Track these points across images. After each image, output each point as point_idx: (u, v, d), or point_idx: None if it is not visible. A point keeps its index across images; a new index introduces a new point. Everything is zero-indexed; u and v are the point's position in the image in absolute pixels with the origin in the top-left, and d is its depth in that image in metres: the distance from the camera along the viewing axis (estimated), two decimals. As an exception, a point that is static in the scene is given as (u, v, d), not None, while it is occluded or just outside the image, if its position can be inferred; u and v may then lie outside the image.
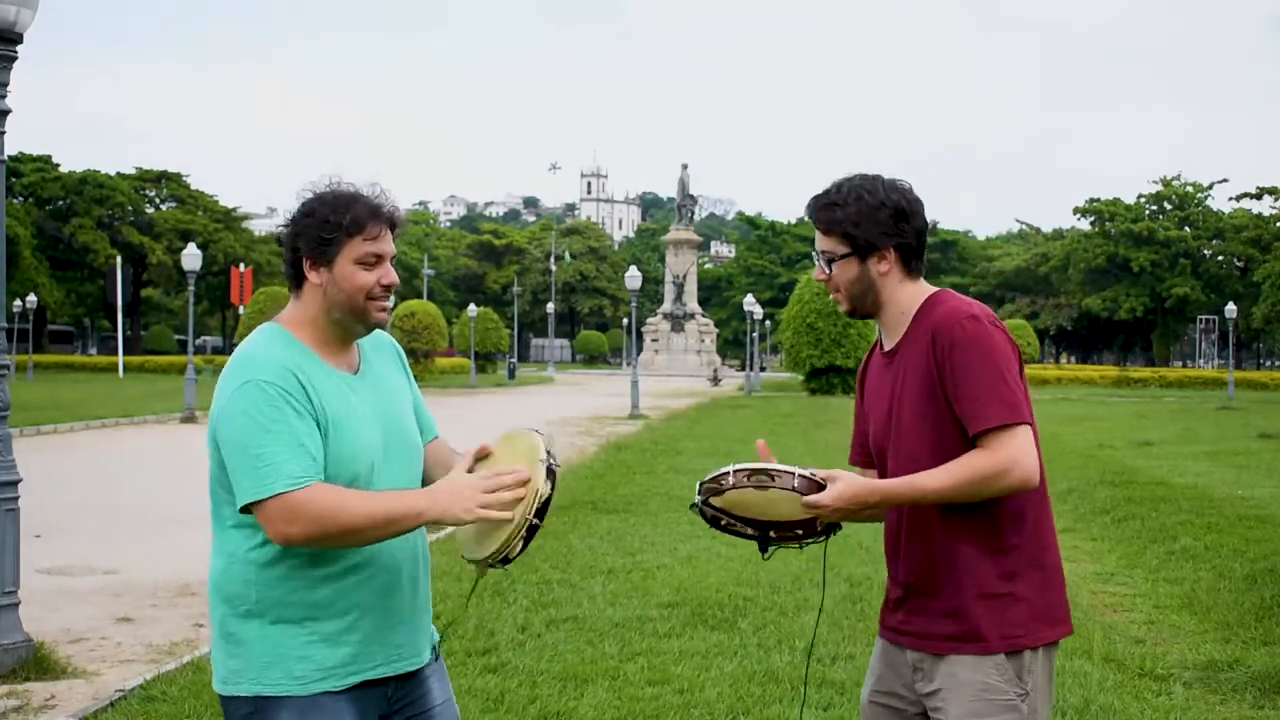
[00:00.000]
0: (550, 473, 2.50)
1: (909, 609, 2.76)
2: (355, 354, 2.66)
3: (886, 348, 2.82)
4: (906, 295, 2.76)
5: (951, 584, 2.68)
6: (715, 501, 2.67)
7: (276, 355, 2.51)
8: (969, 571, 2.67)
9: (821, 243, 2.78)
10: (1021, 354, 2.72)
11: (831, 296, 2.83)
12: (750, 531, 2.72)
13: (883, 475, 2.79)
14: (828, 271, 2.78)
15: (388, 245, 2.58)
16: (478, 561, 2.57)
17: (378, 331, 2.73)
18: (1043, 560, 2.72)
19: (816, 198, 2.78)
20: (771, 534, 2.71)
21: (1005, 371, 2.61)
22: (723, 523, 2.71)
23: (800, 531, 2.71)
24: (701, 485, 2.67)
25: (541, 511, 2.48)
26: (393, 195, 2.63)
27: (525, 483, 2.47)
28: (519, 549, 2.50)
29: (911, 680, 2.76)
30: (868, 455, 2.91)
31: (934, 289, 2.78)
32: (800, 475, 2.59)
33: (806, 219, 2.82)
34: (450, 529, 2.65)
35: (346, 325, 2.59)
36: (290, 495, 2.38)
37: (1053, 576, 2.74)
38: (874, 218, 2.70)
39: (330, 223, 2.52)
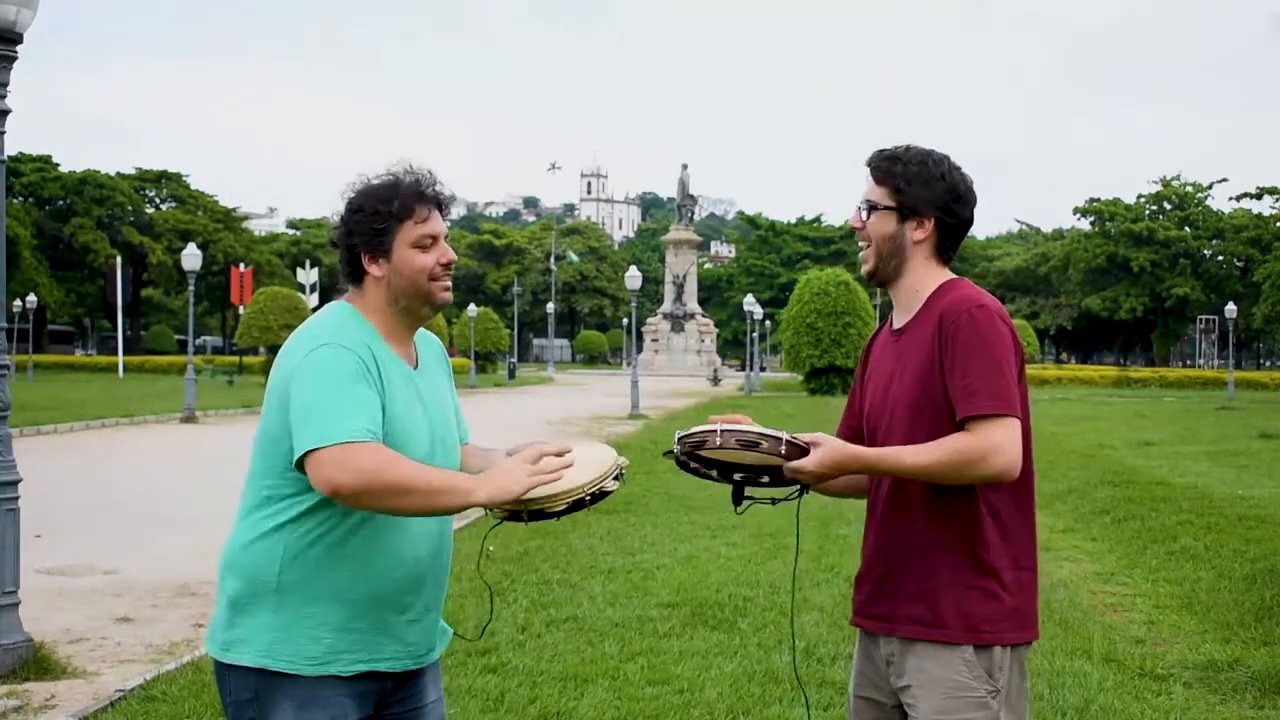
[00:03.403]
0: (619, 477, 2.60)
1: (876, 589, 2.77)
2: (413, 349, 2.70)
3: (896, 326, 2.83)
4: (927, 275, 2.78)
5: (923, 567, 2.68)
6: (694, 464, 2.69)
7: (353, 330, 2.55)
8: (943, 558, 2.67)
9: (869, 191, 2.80)
10: (1025, 355, 2.74)
11: (861, 254, 2.85)
12: (714, 475, 2.73)
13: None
14: (864, 219, 2.80)
15: (439, 225, 2.62)
16: (507, 504, 2.54)
17: (430, 335, 2.78)
18: (1020, 563, 2.71)
19: (881, 149, 2.82)
20: (737, 477, 2.71)
21: (1003, 364, 2.62)
22: (691, 466, 2.72)
23: (766, 479, 2.71)
24: (682, 439, 2.67)
25: (597, 497, 2.56)
26: (428, 170, 2.64)
27: (566, 452, 2.56)
28: (560, 509, 2.54)
29: (887, 674, 2.77)
30: (854, 431, 2.92)
31: (953, 276, 2.80)
32: (787, 441, 2.62)
33: (865, 164, 2.83)
34: (472, 517, 2.67)
35: (413, 311, 2.63)
36: (350, 445, 2.38)
37: (1028, 581, 2.73)
38: (928, 185, 2.74)
39: (380, 213, 2.56)
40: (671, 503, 12.15)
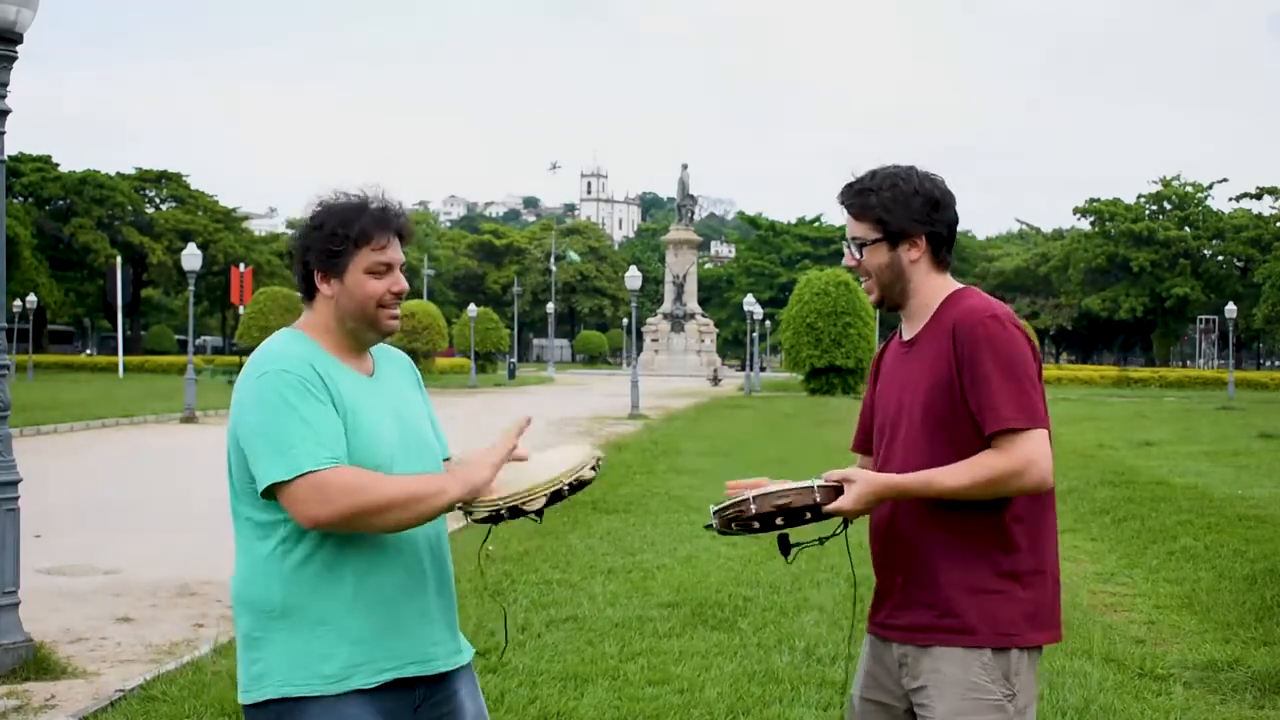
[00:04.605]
0: (595, 468, 2.60)
1: (897, 602, 2.77)
2: (370, 362, 2.70)
3: (906, 337, 2.84)
4: (932, 286, 2.78)
5: (943, 576, 2.68)
6: (736, 525, 2.69)
7: (295, 350, 2.56)
8: (963, 567, 2.67)
9: (853, 228, 2.80)
10: (1040, 358, 2.73)
11: (863, 285, 2.86)
12: (757, 526, 2.72)
13: (881, 462, 2.81)
14: (858, 257, 2.80)
15: (396, 254, 2.62)
16: (485, 504, 2.54)
17: (393, 349, 2.80)
18: (1042, 566, 2.71)
19: (849, 184, 2.80)
20: (779, 521, 2.70)
21: (1024, 374, 2.63)
22: (733, 526, 2.72)
23: (809, 516, 2.71)
24: (718, 513, 2.68)
25: (575, 487, 2.55)
26: (397, 199, 2.66)
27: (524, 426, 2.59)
28: (537, 504, 2.52)
29: (899, 676, 2.76)
30: (869, 443, 2.92)
31: (959, 285, 2.80)
32: (820, 487, 2.62)
33: (838, 202, 2.84)
34: (450, 529, 2.65)
35: (359, 334, 2.64)
36: (318, 474, 2.39)
37: (1050, 583, 2.73)
38: (907, 205, 2.73)
39: (338, 235, 2.57)
40: (671, 503, 12.15)
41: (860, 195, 2.77)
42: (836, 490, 2.63)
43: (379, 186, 2.65)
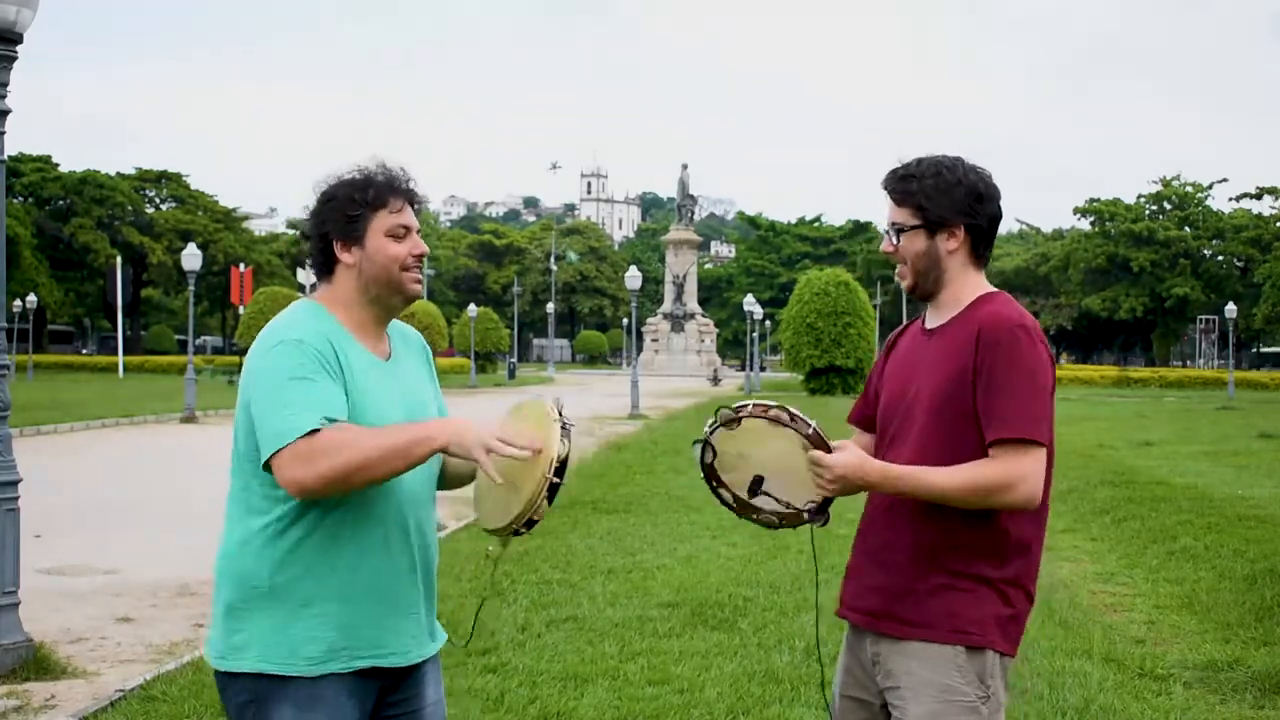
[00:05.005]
0: (565, 431, 2.51)
1: (868, 583, 2.76)
2: (386, 343, 2.70)
3: (929, 325, 2.81)
4: (966, 282, 2.76)
5: (916, 566, 2.67)
6: (719, 442, 2.66)
7: (314, 324, 2.56)
8: (940, 559, 2.65)
9: (893, 214, 2.78)
10: (1055, 374, 2.71)
11: (897, 272, 2.83)
12: (728, 496, 2.71)
13: (886, 442, 2.78)
14: (895, 242, 2.78)
15: (411, 218, 2.65)
16: (501, 530, 2.54)
17: (408, 328, 2.80)
18: (1021, 582, 2.70)
19: (894, 170, 2.79)
20: (762, 489, 2.69)
21: (1040, 391, 2.61)
22: (714, 482, 2.71)
23: (778, 521, 2.70)
24: (718, 410, 2.67)
25: (560, 470, 2.49)
26: (401, 167, 2.67)
27: (538, 452, 2.45)
28: (545, 508, 2.50)
29: (873, 673, 2.76)
30: (868, 419, 2.91)
31: (993, 288, 2.78)
32: (817, 428, 2.61)
33: (881, 187, 2.81)
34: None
35: (384, 301, 2.63)
36: (304, 440, 2.38)
37: (1023, 599, 2.71)
38: (949, 194, 2.72)
39: (355, 200, 2.59)
40: (671, 503, 12.14)
41: (903, 181, 2.76)
42: (829, 448, 2.60)
43: (378, 158, 2.67)
